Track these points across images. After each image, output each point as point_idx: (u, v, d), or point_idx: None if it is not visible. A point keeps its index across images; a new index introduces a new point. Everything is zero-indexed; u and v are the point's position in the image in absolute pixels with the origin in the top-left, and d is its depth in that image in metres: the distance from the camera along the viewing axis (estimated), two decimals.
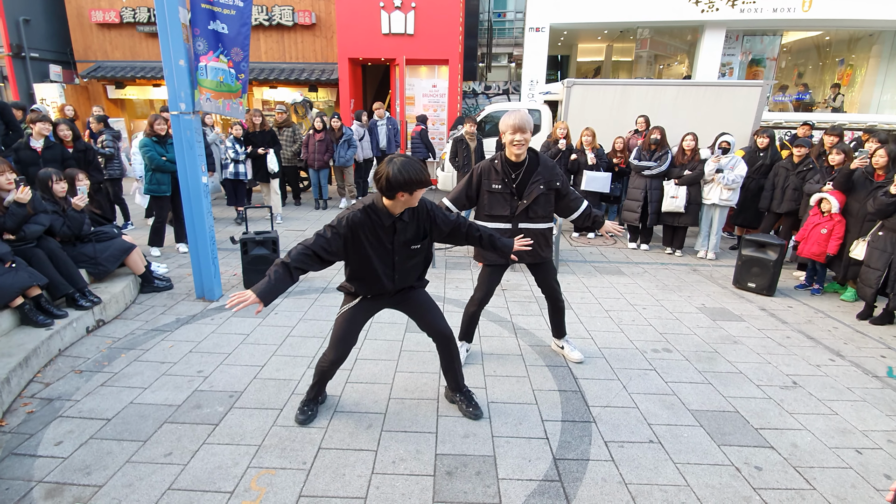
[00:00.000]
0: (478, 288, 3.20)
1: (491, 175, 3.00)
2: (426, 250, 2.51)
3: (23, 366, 2.92)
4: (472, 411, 2.70)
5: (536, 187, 2.97)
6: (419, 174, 2.14)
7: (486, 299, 3.19)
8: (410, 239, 2.38)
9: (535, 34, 11.96)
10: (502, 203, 3.01)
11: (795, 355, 3.60)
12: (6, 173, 3.46)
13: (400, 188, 2.13)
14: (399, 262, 2.41)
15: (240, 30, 4.13)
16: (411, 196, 2.19)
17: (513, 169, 2.98)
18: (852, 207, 4.67)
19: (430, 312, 2.61)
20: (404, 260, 2.42)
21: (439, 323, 2.61)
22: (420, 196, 2.25)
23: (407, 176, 2.10)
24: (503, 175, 2.98)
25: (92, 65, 12.55)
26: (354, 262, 2.38)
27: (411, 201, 2.23)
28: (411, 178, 2.11)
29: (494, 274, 3.17)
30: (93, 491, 2.11)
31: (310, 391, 2.69)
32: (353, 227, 2.26)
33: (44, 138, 4.98)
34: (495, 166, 3.00)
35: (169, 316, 3.99)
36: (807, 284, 5.12)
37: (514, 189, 2.98)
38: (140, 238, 5.57)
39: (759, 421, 2.75)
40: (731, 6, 9.07)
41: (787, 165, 5.66)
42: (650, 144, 6.13)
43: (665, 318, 4.20)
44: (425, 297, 2.64)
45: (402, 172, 2.10)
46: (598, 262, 5.85)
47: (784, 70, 13.81)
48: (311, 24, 11.95)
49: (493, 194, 3.00)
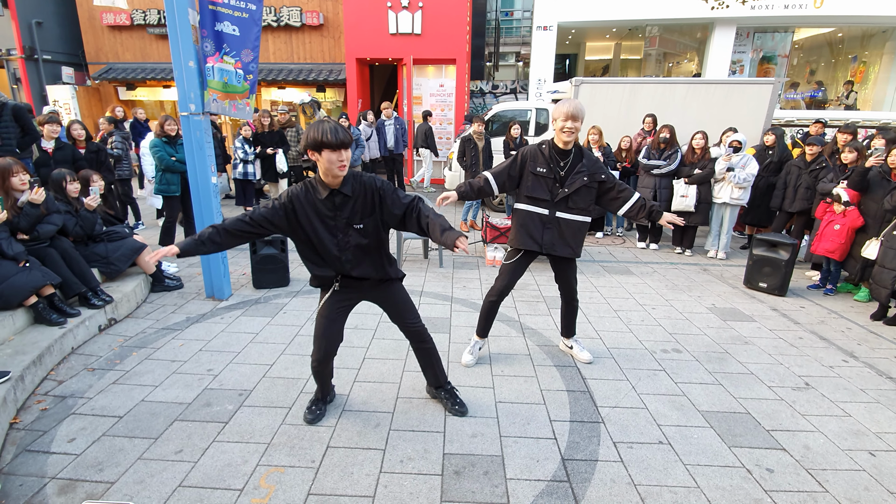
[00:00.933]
0: (500, 277, 3.18)
1: (538, 159, 2.98)
2: (377, 234, 2.35)
3: (36, 364, 2.97)
4: (458, 409, 2.70)
5: (580, 178, 2.94)
6: (329, 133, 2.04)
7: (508, 290, 3.16)
8: (353, 216, 2.26)
9: (543, 33, 11.92)
10: (544, 187, 2.97)
11: (808, 356, 3.55)
12: (20, 174, 3.50)
13: (309, 147, 2.10)
14: (343, 240, 2.28)
15: (251, 32, 4.16)
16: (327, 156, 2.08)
17: (560, 156, 2.96)
18: (869, 207, 4.59)
19: (402, 308, 2.56)
20: (350, 240, 2.29)
21: (411, 320, 2.57)
22: (341, 162, 2.12)
23: (315, 134, 2.06)
24: (549, 160, 2.96)
25: (103, 66, 12.70)
26: (299, 239, 2.32)
27: (333, 167, 2.11)
28: (318, 138, 2.05)
29: (521, 263, 3.14)
30: (105, 487, 2.14)
31: (316, 391, 2.71)
32: (292, 198, 2.23)
33: (54, 139, 5.05)
34: (542, 151, 2.98)
35: (179, 315, 4.03)
36: (820, 285, 5.05)
37: (558, 175, 2.97)
38: (151, 238, 5.63)
39: (770, 422, 2.72)
40: (741, 3, 8.98)
41: (799, 164, 5.59)
42: (659, 143, 6.09)
43: (675, 319, 4.16)
44: (399, 293, 2.56)
45: (312, 130, 2.08)
46: (607, 262, 5.82)
47: (796, 67, 13.63)
48: (318, 25, 11.99)
49: (537, 177, 2.97)
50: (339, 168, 2.14)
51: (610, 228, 7.24)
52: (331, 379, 2.70)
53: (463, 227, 7.30)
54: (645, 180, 6.18)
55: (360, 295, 2.53)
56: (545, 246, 3.04)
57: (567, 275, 3.21)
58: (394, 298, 2.56)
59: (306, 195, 2.24)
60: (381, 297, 2.55)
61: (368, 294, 2.54)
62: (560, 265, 3.19)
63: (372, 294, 2.54)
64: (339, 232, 2.28)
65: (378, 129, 8.99)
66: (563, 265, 3.19)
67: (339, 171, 2.15)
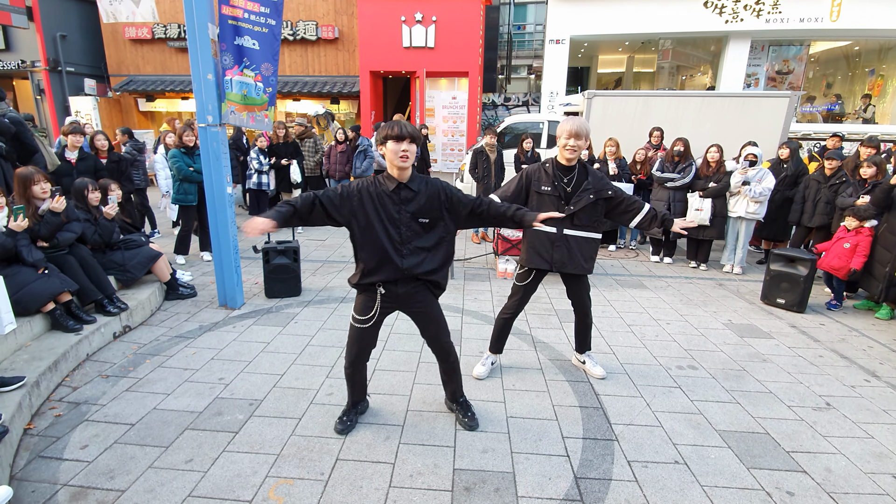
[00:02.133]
0: (513, 295, 3.19)
1: (542, 178, 3.00)
2: (443, 236, 2.43)
3: (52, 369, 3.00)
4: (468, 422, 2.70)
5: (586, 196, 2.95)
6: (396, 127, 2.23)
7: (522, 307, 3.18)
8: (419, 212, 2.34)
9: (556, 46, 11.99)
10: (549, 206, 2.96)
11: (828, 375, 3.46)
12: (41, 183, 3.59)
13: (379, 141, 2.27)
14: (406, 234, 2.33)
15: (271, 46, 4.24)
16: (392, 147, 2.22)
17: (563, 173, 2.98)
18: (893, 225, 4.48)
19: (436, 325, 2.57)
20: (412, 235, 2.35)
21: (443, 338, 2.59)
22: (404, 152, 2.23)
23: (385, 129, 2.24)
24: (553, 178, 2.97)
25: (124, 79, 13.04)
26: (359, 229, 2.33)
27: (402, 159, 2.23)
28: (386, 132, 2.23)
29: (533, 280, 3.14)
30: (116, 495, 2.14)
31: (348, 400, 2.71)
32: (360, 189, 2.32)
33: (77, 150, 5.17)
34: (546, 169, 3.00)
35: (192, 323, 4.06)
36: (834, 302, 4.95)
37: (563, 193, 2.97)
38: (166, 246, 5.72)
39: (790, 443, 2.64)
40: (755, 16, 8.94)
41: (818, 178, 5.51)
42: (673, 156, 6.05)
43: (690, 334, 4.09)
44: (436, 309, 2.58)
45: (384, 126, 2.26)
46: (620, 276, 5.76)
47: (812, 80, 13.52)
48: (333, 39, 12.21)
49: (541, 196, 2.98)
50: (402, 159, 2.23)
51: (623, 242, 7.17)
52: (364, 386, 2.72)
53: (475, 238, 7.30)
54: (659, 193, 6.13)
55: (397, 305, 2.51)
56: (555, 264, 3.03)
57: (579, 291, 3.19)
58: (433, 313, 2.56)
59: (375, 187, 2.33)
60: (418, 311, 2.54)
61: (407, 305, 2.51)
62: (571, 281, 3.18)
63: (411, 304, 2.51)
64: (402, 225, 2.33)
65: None
66: (575, 282, 3.17)
67: (401, 163, 2.25)
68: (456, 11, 10.83)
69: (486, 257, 6.32)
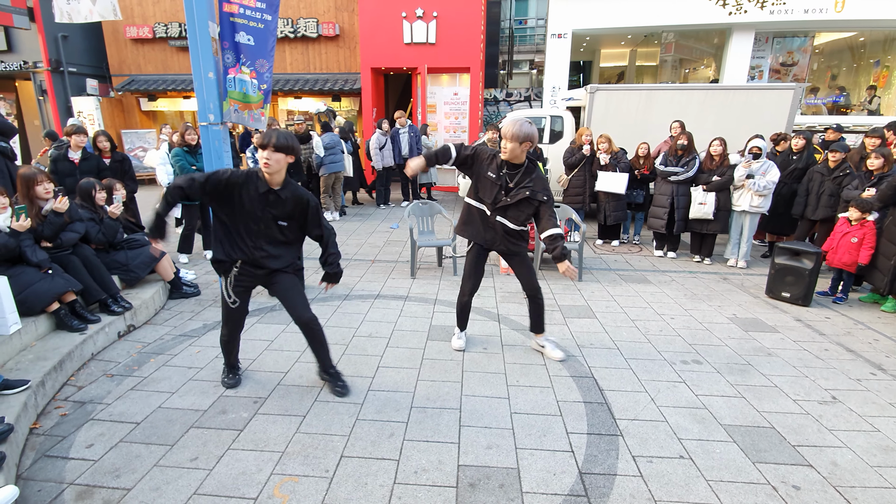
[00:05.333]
0: (466, 278, 3.39)
1: (492, 163, 3.15)
2: (294, 238, 2.81)
3: (57, 369, 3.02)
4: (339, 390, 2.95)
5: (523, 192, 3.10)
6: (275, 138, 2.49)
7: (476, 287, 3.42)
8: (281, 215, 2.66)
9: (558, 40, 11.91)
10: (490, 191, 3.15)
11: (834, 368, 3.44)
12: (45, 183, 3.59)
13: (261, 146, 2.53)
14: (261, 231, 2.65)
15: (266, 42, 4.23)
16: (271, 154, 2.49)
17: (511, 169, 3.13)
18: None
19: (294, 297, 2.83)
20: (267, 233, 2.67)
21: (301, 309, 2.82)
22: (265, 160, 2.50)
23: (267, 137, 2.51)
24: (500, 168, 3.13)
25: (126, 78, 13.05)
26: (221, 212, 2.62)
27: (274, 165, 2.51)
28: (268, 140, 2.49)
29: (479, 257, 3.34)
30: (121, 494, 2.15)
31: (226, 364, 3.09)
32: (232, 179, 2.56)
33: (80, 150, 5.18)
34: (496, 159, 3.15)
35: (196, 322, 4.07)
36: (829, 293, 4.91)
37: (505, 184, 3.12)
38: (169, 245, 5.72)
39: (796, 437, 2.63)
40: (759, 8, 8.84)
41: (822, 171, 5.46)
42: (677, 150, 6.01)
43: (694, 329, 4.07)
44: (292, 282, 2.85)
45: (265, 135, 2.52)
46: (623, 270, 5.74)
47: (816, 72, 13.38)
48: (334, 36, 12.17)
49: (485, 179, 3.17)
50: (263, 165, 2.53)
51: (626, 236, 7.14)
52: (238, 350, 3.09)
53: None
54: (662, 187, 6.09)
55: (256, 281, 2.82)
56: (487, 243, 3.29)
57: (520, 269, 3.35)
58: (288, 290, 2.83)
59: (249, 186, 2.58)
60: (277, 286, 2.83)
61: (266, 282, 2.84)
62: (512, 262, 3.36)
63: (269, 282, 2.84)
64: (262, 223, 2.64)
65: (392, 137, 9.04)
66: (515, 260, 3.34)
67: (263, 168, 2.54)
68: (457, 7, 10.77)
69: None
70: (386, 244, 6.79)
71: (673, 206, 5.98)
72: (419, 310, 4.37)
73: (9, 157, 4.58)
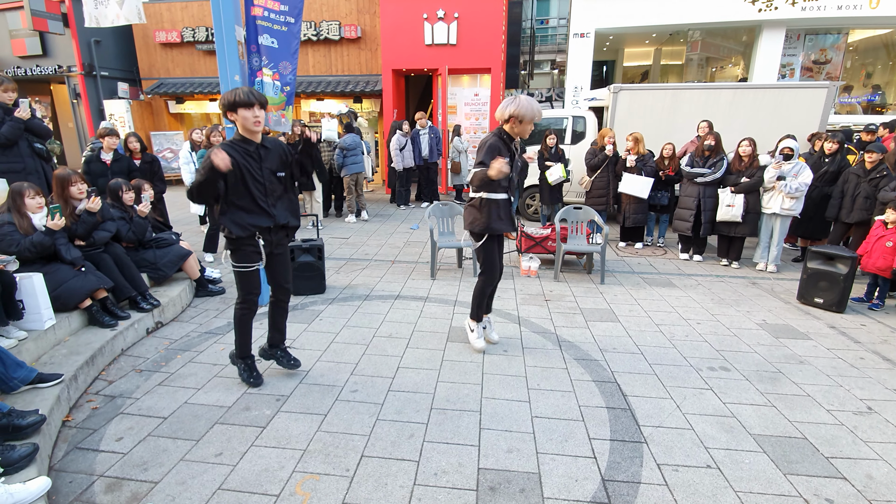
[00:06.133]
0: (494, 266, 3.44)
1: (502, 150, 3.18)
2: (289, 184, 2.91)
3: (89, 364, 3.11)
4: (292, 363, 3.15)
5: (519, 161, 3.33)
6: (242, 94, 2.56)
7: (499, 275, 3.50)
8: (275, 167, 2.75)
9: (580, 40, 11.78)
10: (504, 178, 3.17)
11: (870, 378, 3.30)
12: (78, 184, 3.71)
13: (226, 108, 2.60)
14: (270, 189, 2.74)
15: (289, 44, 4.28)
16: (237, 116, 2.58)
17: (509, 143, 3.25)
18: None
19: (287, 266, 3.03)
20: (273, 189, 2.77)
21: (289, 278, 3.03)
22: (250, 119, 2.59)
23: (229, 96, 2.58)
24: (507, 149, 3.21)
25: (155, 82, 13.41)
26: (232, 186, 2.63)
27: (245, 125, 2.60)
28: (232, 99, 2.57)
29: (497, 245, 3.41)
30: (149, 487, 2.20)
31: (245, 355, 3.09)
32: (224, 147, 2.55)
33: (112, 151, 5.34)
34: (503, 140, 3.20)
35: (221, 319, 4.15)
36: (864, 299, 4.72)
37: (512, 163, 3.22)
38: (196, 244, 5.85)
39: (829, 449, 2.53)
40: (791, 4, 8.59)
41: (858, 172, 5.26)
42: (704, 150, 5.87)
43: (722, 335, 3.96)
44: (287, 254, 3.03)
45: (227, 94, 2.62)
46: (647, 274, 5.63)
47: (850, 70, 12.93)
48: (356, 38, 12.28)
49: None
50: (255, 124, 2.60)
51: (650, 239, 7.01)
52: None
53: None
54: (688, 189, 5.96)
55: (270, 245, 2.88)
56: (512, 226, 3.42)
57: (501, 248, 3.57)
58: (282, 260, 2.97)
59: (241, 147, 2.65)
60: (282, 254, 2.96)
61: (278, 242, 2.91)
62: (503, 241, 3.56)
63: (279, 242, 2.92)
64: (267, 181, 2.72)
65: (413, 138, 9.07)
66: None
67: (254, 127, 2.62)
68: (478, 7, 10.74)
69: (508, 255, 6.27)
70: (406, 245, 6.81)
71: (699, 209, 5.84)
72: (439, 311, 4.36)
73: (44, 159, 4.75)
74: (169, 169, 11.41)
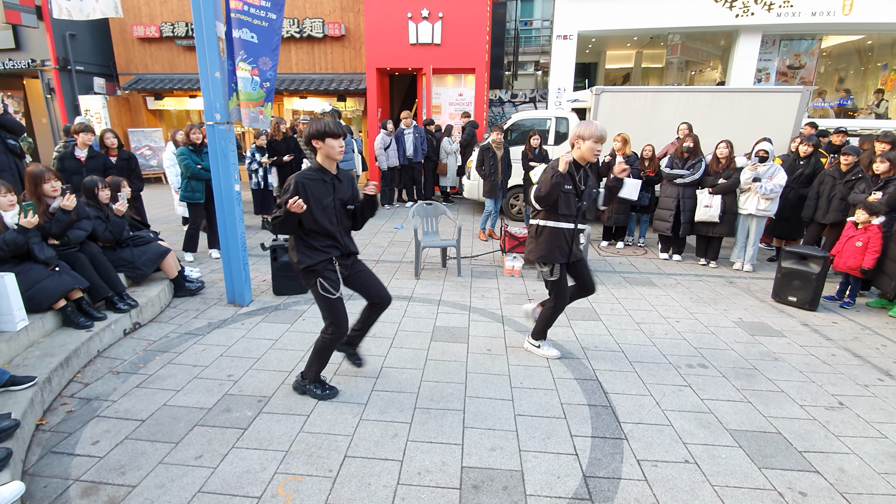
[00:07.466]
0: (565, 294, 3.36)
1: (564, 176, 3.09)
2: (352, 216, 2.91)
3: (64, 366, 3.03)
4: (358, 363, 3.23)
5: (591, 192, 3.27)
6: (332, 125, 2.59)
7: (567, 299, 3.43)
8: (346, 199, 2.78)
9: (563, 42, 11.89)
10: (568, 203, 3.16)
11: (841, 374, 3.41)
12: (52, 181, 3.61)
13: (314, 137, 2.61)
14: (340, 220, 2.76)
15: (270, 40, 4.22)
16: (324, 144, 2.61)
17: (577, 172, 3.17)
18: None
19: (377, 280, 3.01)
20: (343, 220, 2.79)
21: (384, 291, 3.00)
22: (336, 148, 2.63)
23: (319, 126, 2.60)
24: (571, 177, 3.15)
25: (133, 77, 13.10)
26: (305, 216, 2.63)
27: (331, 153, 2.63)
28: (322, 129, 2.59)
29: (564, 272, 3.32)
30: (126, 491, 2.16)
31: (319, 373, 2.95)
32: (303, 182, 2.60)
33: (87, 148, 5.20)
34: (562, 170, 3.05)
35: (201, 320, 4.08)
36: (836, 297, 4.88)
37: (578, 190, 3.19)
38: (175, 243, 5.74)
39: (803, 443, 2.61)
40: (767, 10, 8.81)
41: (833, 174, 5.42)
42: (683, 152, 5.98)
43: (700, 332, 4.05)
44: (368, 268, 3.02)
45: (316, 123, 2.62)
46: (628, 273, 5.72)
47: (823, 75, 13.30)
48: (340, 36, 12.19)
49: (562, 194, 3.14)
50: (339, 153, 2.65)
51: (631, 239, 7.12)
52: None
53: (482, 235, 7.28)
54: (668, 190, 6.07)
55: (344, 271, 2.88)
56: (572, 256, 3.30)
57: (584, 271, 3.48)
58: (368, 275, 2.98)
59: (317, 178, 2.66)
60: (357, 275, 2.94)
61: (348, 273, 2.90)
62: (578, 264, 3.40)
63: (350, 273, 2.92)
64: (338, 212, 2.74)
65: (397, 138, 9.04)
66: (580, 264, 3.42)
67: (338, 157, 2.67)
68: (462, 8, 10.76)
69: (493, 255, 6.30)
70: (390, 244, 6.79)
71: (679, 209, 5.95)
72: (423, 310, 4.36)
73: (17, 155, 4.61)
74: (147, 166, 11.16)
